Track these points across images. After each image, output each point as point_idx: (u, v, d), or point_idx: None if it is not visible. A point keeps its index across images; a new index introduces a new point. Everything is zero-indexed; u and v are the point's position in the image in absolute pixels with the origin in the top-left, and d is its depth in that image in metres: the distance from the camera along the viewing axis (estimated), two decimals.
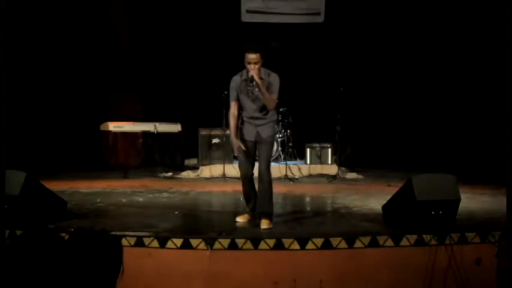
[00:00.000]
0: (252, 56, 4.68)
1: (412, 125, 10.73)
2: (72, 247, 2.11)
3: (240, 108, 5.02)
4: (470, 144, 9.85)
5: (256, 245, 4.23)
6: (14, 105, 8.61)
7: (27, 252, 2.11)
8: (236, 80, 4.91)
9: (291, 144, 10.19)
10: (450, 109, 10.40)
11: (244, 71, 4.83)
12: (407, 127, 10.74)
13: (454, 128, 10.29)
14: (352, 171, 9.55)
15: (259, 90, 4.73)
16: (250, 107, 4.89)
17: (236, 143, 4.87)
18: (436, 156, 9.94)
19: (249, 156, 4.95)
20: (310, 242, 4.25)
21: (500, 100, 5.56)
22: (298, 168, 9.42)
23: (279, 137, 9.79)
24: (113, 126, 10.10)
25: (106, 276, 2.09)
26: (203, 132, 9.69)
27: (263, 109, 4.88)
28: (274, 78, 4.85)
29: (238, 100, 4.93)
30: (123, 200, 6.55)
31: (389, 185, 7.44)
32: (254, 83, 4.72)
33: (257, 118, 4.91)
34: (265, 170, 4.84)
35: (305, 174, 9.37)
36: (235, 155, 4.88)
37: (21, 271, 2.07)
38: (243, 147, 4.86)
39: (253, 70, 4.69)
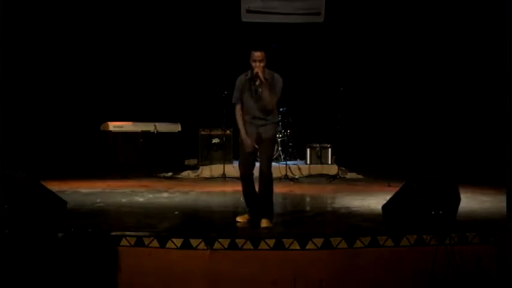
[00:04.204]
0: (257, 54, 4.75)
1: (412, 125, 10.73)
2: (65, 249, 2.12)
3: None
4: (470, 144, 9.85)
5: (256, 245, 4.23)
6: (15, 105, 8.63)
7: (24, 252, 2.12)
8: (241, 79, 4.94)
9: (291, 144, 10.20)
10: (450, 109, 10.41)
11: (250, 70, 4.86)
12: (407, 127, 10.74)
13: (454, 128, 10.30)
14: (352, 171, 9.56)
15: (262, 86, 4.74)
16: (253, 107, 4.90)
17: (247, 139, 4.88)
18: (436, 156, 9.94)
19: (250, 155, 4.96)
20: (310, 242, 4.25)
21: (500, 101, 5.56)
22: (298, 168, 9.42)
23: (279, 137, 9.79)
24: (113, 126, 10.10)
25: (103, 273, 2.10)
26: (203, 132, 9.70)
27: (265, 109, 4.89)
28: (278, 79, 4.88)
29: (241, 101, 4.94)
30: (123, 200, 6.55)
31: (389, 185, 7.44)
32: (258, 81, 4.74)
33: (259, 118, 4.91)
34: (266, 170, 4.84)
35: (305, 174, 9.38)
36: (248, 151, 4.88)
37: (17, 269, 2.08)
38: (255, 144, 4.88)
39: (258, 68, 4.73)
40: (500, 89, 5.68)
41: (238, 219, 5.09)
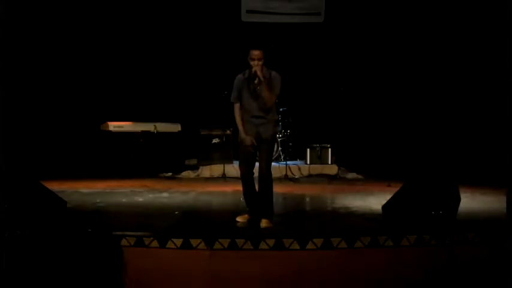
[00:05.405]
0: (256, 53, 4.76)
1: (412, 125, 10.72)
2: (70, 248, 2.12)
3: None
4: (470, 144, 9.84)
5: (256, 245, 4.23)
6: (15, 105, 8.62)
7: (29, 251, 2.12)
8: (239, 78, 4.95)
9: (291, 144, 10.19)
10: (450, 109, 10.40)
11: (248, 69, 4.87)
12: (407, 127, 10.73)
13: (454, 128, 10.29)
14: (352, 171, 9.56)
15: (261, 85, 4.74)
16: (252, 106, 4.90)
17: (247, 139, 4.88)
18: (436, 156, 9.93)
19: (250, 155, 4.96)
20: (310, 242, 4.25)
21: (500, 100, 5.56)
22: (298, 168, 9.42)
23: (279, 137, 9.79)
24: (113, 126, 10.10)
25: (108, 272, 2.10)
26: (203, 132, 9.70)
27: (264, 108, 4.89)
28: (276, 77, 4.88)
29: (239, 100, 4.94)
30: (123, 200, 6.55)
31: (389, 185, 7.44)
32: (257, 79, 4.74)
33: (258, 117, 4.91)
34: (266, 170, 4.84)
35: (305, 174, 9.38)
36: (248, 151, 4.89)
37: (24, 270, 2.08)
38: (255, 142, 4.88)
39: (256, 66, 4.73)
40: (501, 89, 5.68)
41: (238, 219, 5.09)
